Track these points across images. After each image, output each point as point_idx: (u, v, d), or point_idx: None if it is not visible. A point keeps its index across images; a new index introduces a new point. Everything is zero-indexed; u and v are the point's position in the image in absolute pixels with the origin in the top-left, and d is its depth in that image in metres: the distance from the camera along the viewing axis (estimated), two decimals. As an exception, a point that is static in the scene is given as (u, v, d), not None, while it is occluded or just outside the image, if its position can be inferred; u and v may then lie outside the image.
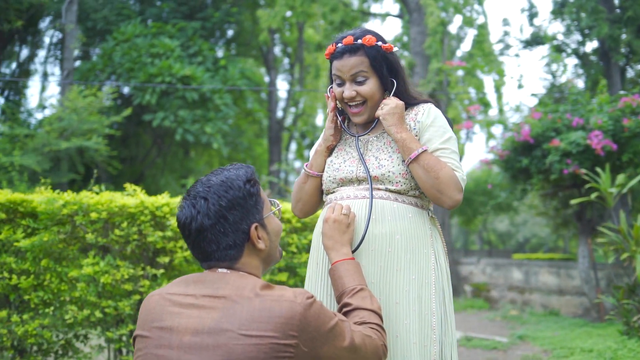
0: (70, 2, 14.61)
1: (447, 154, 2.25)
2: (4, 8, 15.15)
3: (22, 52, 23.74)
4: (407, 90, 2.39)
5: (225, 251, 1.77)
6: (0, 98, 19.13)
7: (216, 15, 18.02)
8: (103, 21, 17.67)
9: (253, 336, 1.60)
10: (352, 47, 2.28)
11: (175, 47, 16.02)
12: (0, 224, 4.17)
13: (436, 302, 2.20)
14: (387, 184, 2.25)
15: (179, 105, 15.59)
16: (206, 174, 1.85)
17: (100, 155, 13.55)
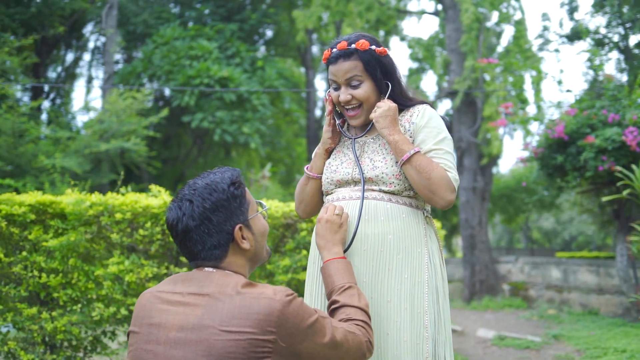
0: (110, 7, 14.96)
1: (441, 154, 2.29)
2: (47, 14, 15.59)
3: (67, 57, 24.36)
4: (403, 92, 2.43)
5: (211, 251, 1.84)
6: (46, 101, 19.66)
7: (253, 17, 18.19)
8: (143, 25, 18.02)
9: (232, 332, 1.67)
10: (346, 52, 2.33)
11: (213, 49, 16.23)
12: (30, 224, 4.33)
13: (429, 301, 2.23)
14: (381, 185, 2.30)
15: (217, 106, 15.80)
16: (243, 173, 1.93)
17: (139, 156, 13.84)
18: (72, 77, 24.91)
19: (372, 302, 2.22)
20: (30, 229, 4.31)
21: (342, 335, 1.83)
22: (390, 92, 2.38)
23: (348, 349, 1.85)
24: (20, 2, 15.67)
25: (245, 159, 20.83)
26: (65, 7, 15.89)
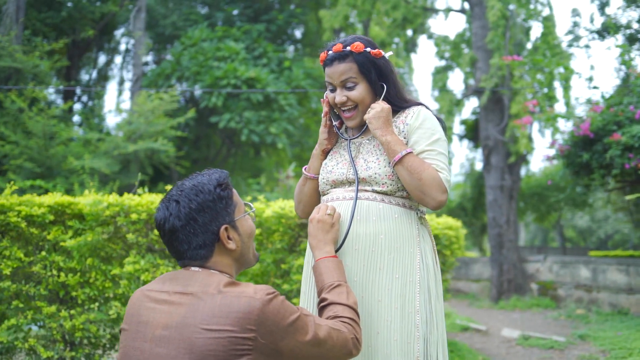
0: (138, 10, 15.17)
1: (434, 155, 2.30)
2: (78, 18, 15.86)
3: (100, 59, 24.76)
4: (398, 94, 2.45)
5: (196, 250, 1.89)
6: (78, 104, 20.00)
7: (280, 18, 18.28)
8: (172, 27, 18.23)
9: (213, 330, 1.71)
10: (341, 54, 2.36)
11: (240, 50, 16.35)
12: (50, 225, 4.43)
13: (420, 301, 2.25)
14: (374, 185, 2.32)
15: (245, 107, 15.91)
16: (272, 173, 1.98)
17: (167, 156, 14.01)
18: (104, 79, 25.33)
19: (363, 301, 2.24)
20: (50, 230, 4.42)
21: (325, 333, 1.86)
22: (385, 93, 2.40)
23: (333, 346, 1.88)
24: (51, 7, 15.97)
25: (274, 159, 20.94)
26: (95, 11, 16.15)
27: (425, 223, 2.40)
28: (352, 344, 1.94)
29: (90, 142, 13.86)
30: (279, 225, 4.80)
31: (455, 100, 14.78)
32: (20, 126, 12.84)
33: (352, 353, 1.94)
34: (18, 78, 13.68)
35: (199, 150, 19.63)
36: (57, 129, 12.67)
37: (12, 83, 13.60)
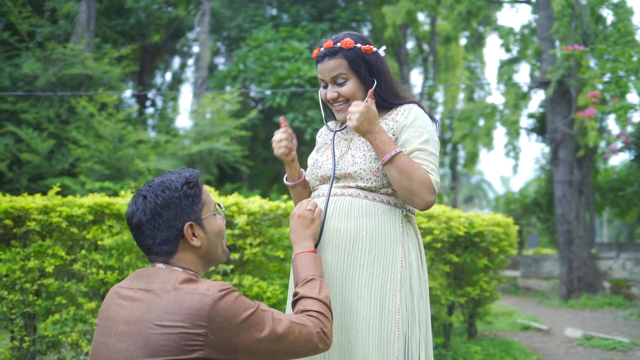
0: (202, 15, 15.52)
1: (425, 155, 2.27)
2: (146, 24, 16.37)
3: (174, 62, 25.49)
4: (391, 90, 2.42)
5: (161, 246, 1.93)
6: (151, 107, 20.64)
7: (343, 16, 18.30)
8: (237, 29, 18.55)
9: (166, 326, 1.75)
10: (331, 50, 2.36)
11: (303, 50, 16.48)
12: (89, 224, 4.61)
13: (401, 299, 2.22)
14: (358, 181, 2.31)
15: (308, 106, 16.03)
16: None
17: (232, 156, 14.27)
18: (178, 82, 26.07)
19: (343, 297, 2.24)
20: (89, 229, 4.59)
21: (284, 328, 1.87)
22: (376, 89, 2.38)
23: (295, 340, 1.88)
24: (121, 14, 16.54)
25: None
26: (162, 17, 16.62)
27: (412, 221, 2.36)
28: (317, 338, 1.94)
29: (159, 144, 14.28)
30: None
31: (521, 93, 14.39)
32: (91, 130, 13.37)
33: (319, 347, 1.94)
34: (89, 84, 14.25)
35: (267, 150, 19.89)
36: (124, 132, 13.11)
37: (84, 89, 14.19)
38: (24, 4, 14.90)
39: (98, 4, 15.61)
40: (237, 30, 18.52)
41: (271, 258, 4.81)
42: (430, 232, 5.18)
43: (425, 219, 5.20)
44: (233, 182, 16.69)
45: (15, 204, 4.59)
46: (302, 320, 1.94)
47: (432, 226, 5.19)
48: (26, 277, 4.51)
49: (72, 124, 13.77)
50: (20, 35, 14.78)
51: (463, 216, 5.81)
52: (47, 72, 13.95)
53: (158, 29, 17.50)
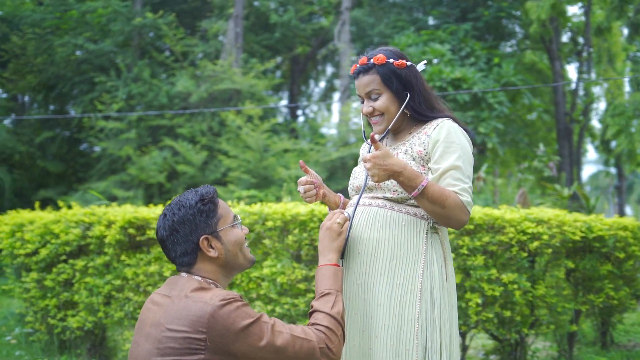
0: (342, 24, 15.87)
1: (457, 174, 2.29)
2: (290, 37, 17.03)
3: (326, 71, 26.19)
4: (426, 103, 2.45)
5: (181, 258, 2.12)
6: (302, 117, 21.38)
7: (486, 14, 17.87)
8: (379, 36, 18.74)
9: (173, 330, 1.94)
10: (365, 67, 2.44)
11: (445, 52, 16.31)
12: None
13: (421, 309, 2.25)
14: (386, 192, 2.37)
15: (451, 108, 15.79)
16: None
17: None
18: (331, 91, 26.77)
19: (365, 304, 2.30)
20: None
21: (283, 341, 1.97)
22: (410, 102, 2.42)
23: (295, 354, 1.99)
24: (266, 29, 17.35)
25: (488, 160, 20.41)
26: (306, 29, 17.20)
27: (440, 232, 2.38)
28: (319, 352, 2.02)
29: (304, 152, 14.80)
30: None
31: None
32: (239, 141, 14.16)
33: None
34: (238, 98, 15.09)
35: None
36: (269, 142, 13.74)
37: (233, 103, 15.05)
38: (177, 27, 16.09)
39: (245, 21, 16.49)
40: (379, 37, 18.71)
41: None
42: (538, 238, 4.99)
43: (533, 224, 5.01)
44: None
45: (137, 214, 5.07)
46: (307, 334, 2.04)
47: (541, 231, 5.00)
48: (148, 280, 4.96)
49: (223, 136, 14.66)
50: (175, 56, 15.97)
51: (581, 220, 5.53)
52: (199, 88, 14.96)
53: (303, 41, 18.12)
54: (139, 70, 15.63)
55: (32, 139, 17.20)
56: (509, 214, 4.94)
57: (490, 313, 4.79)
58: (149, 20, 16.07)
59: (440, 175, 2.29)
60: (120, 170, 15.15)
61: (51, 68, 16.96)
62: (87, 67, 16.96)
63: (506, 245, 4.83)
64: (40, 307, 5.37)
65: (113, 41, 16.87)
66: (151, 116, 14.98)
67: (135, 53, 16.99)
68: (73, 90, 17.64)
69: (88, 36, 17.18)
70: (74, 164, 17.96)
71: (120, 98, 15.27)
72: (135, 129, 15.03)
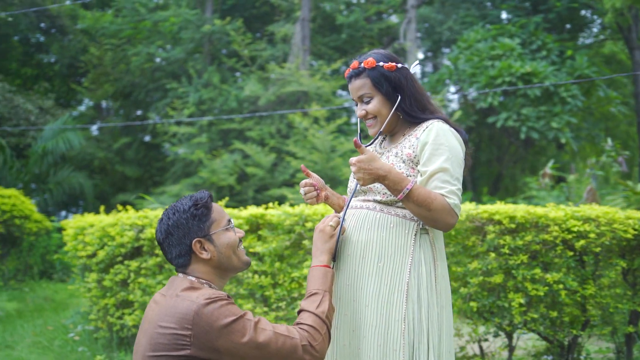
0: (408, 22, 15.78)
1: (445, 176, 2.31)
2: (357, 37, 17.08)
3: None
4: (418, 104, 2.48)
5: (177, 259, 2.26)
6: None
7: (558, 5, 17.36)
8: (448, 32, 18.51)
9: (163, 327, 2.08)
10: (356, 71, 2.51)
11: (515, 46, 15.96)
12: (246, 233, 5.12)
13: (408, 309, 2.28)
14: (375, 195, 2.42)
15: (522, 104, 15.49)
16: None
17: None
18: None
19: (354, 305, 2.36)
20: (245, 238, 5.09)
21: (266, 338, 2.07)
22: (401, 104, 2.46)
23: (277, 350, 2.08)
24: (333, 31, 17.46)
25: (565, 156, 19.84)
26: (373, 28, 17.21)
27: (431, 233, 2.40)
28: (302, 350, 2.11)
29: (372, 152, 14.82)
30: (451, 229, 4.85)
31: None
32: (306, 143, 14.33)
33: (304, 359, 2.10)
34: (305, 100, 15.27)
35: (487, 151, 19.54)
36: (335, 143, 13.84)
37: (300, 105, 15.24)
38: (245, 32, 16.42)
39: (312, 24, 16.66)
40: (448, 33, 18.49)
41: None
42: (584, 237, 4.87)
43: (580, 222, 4.89)
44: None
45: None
46: (291, 332, 2.13)
47: (588, 230, 4.87)
48: (196, 280, 5.15)
49: (291, 138, 14.87)
50: (244, 60, 16.30)
51: (634, 217, 5.35)
52: (267, 91, 15.24)
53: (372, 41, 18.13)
54: (209, 75, 16.07)
55: (110, 145, 17.98)
56: (553, 212, 4.84)
57: (536, 313, 4.71)
58: (217, 27, 16.49)
59: (428, 178, 2.31)
60: (193, 174, 15.61)
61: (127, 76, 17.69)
62: (160, 74, 17.58)
63: (550, 244, 4.74)
64: (101, 306, 5.67)
65: (184, 48, 17.40)
66: (221, 120, 15.36)
67: (206, 59, 17.47)
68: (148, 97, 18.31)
69: (160, 45, 17.78)
70: (151, 168, 18.66)
71: (191, 103, 15.74)
72: (206, 133, 15.46)
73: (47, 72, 21.95)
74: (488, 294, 4.78)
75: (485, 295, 4.76)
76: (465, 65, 16.52)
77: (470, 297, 4.81)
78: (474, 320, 4.98)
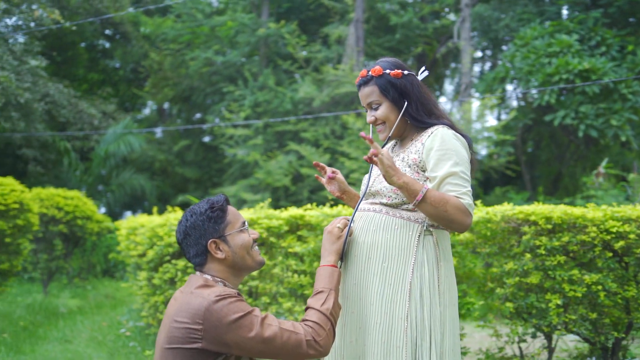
0: (462, 21, 15.68)
1: (455, 180, 2.41)
2: (412, 37, 17.07)
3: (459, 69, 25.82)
4: (425, 109, 2.58)
5: (194, 259, 2.43)
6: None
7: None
8: (505, 30, 18.27)
9: (178, 321, 2.25)
10: (364, 79, 2.64)
11: (572, 42, 15.64)
12: (285, 234, 5.28)
13: (411, 308, 2.39)
14: (382, 198, 2.54)
15: (580, 101, 15.17)
16: None
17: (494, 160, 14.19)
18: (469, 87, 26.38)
19: (360, 303, 2.49)
20: (285, 238, 5.26)
21: (271, 333, 2.21)
22: (407, 109, 2.56)
23: (283, 344, 2.22)
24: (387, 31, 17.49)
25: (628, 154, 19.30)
26: (427, 28, 17.16)
27: (435, 234, 2.49)
28: (306, 344, 2.24)
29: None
30: (487, 229, 4.88)
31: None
32: (359, 143, 14.44)
33: (309, 353, 2.24)
34: (359, 101, 15.38)
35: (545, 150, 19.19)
36: (382, 142, 13.91)
37: (354, 106, 15.36)
38: (300, 34, 16.64)
39: (365, 25, 16.75)
40: (505, 31, 18.26)
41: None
42: (624, 237, 4.81)
43: (619, 223, 4.83)
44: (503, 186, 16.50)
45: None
46: (296, 327, 2.27)
47: (628, 230, 4.81)
48: (239, 279, 5.34)
49: (345, 138, 15.00)
50: (299, 63, 16.52)
51: (680, 217, 5.24)
52: (321, 93, 15.41)
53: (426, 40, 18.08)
54: (265, 78, 16.35)
55: (171, 148, 18.50)
56: (591, 212, 4.81)
57: (574, 314, 4.69)
58: (272, 30, 16.77)
59: (439, 183, 2.41)
60: (249, 175, 15.93)
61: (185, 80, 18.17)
62: (217, 78, 17.98)
63: (588, 245, 4.71)
64: (152, 303, 5.93)
65: (240, 52, 17.76)
66: (277, 122, 15.62)
67: (262, 62, 17.78)
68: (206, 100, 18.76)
69: (217, 49, 18.19)
70: (210, 169, 19.10)
71: (247, 106, 16.06)
72: (261, 135, 15.75)
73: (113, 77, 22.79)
74: (525, 294, 4.78)
75: (522, 295, 4.76)
76: (521, 63, 16.28)
77: (507, 297, 4.83)
78: (512, 321, 4.99)
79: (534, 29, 16.94)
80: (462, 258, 5.05)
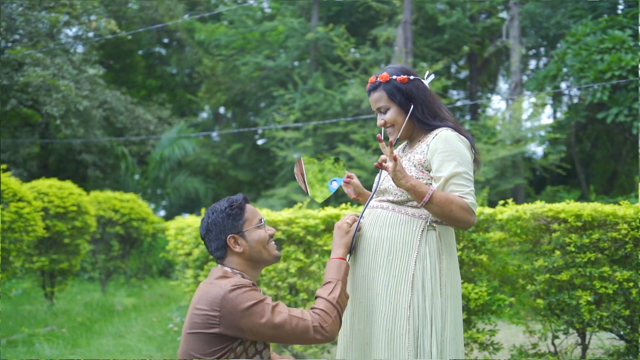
0: (511, 20, 15.58)
1: (459, 180, 2.60)
2: (461, 37, 17.04)
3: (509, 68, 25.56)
4: (430, 112, 2.76)
5: (215, 252, 2.67)
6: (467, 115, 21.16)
7: (675, -10, 16.49)
8: (556, 27, 18.05)
9: (198, 309, 2.49)
10: (373, 85, 2.85)
11: (625, 38, 15.35)
12: (321, 232, 5.48)
13: (412, 298, 2.57)
14: (388, 195, 2.73)
15: (633, 98, 14.89)
16: None
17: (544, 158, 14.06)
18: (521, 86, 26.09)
19: (368, 294, 2.69)
20: (321, 236, 5.46)
21: (281, 319, 2.43)
22: (414, 112, 2.74)
23: (292, 330, 2.43)
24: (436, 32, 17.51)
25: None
26: (476, 27, 17.11)
27: (438, 230, 2.67)
28: (313, 330, 2.45)
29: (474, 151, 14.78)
30: (517, 227, 4.96)
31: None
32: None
33: (316, 338, 2.45)
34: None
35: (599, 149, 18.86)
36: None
37: (402, 107, 15.43)
38: (348, 37, 16.84)
39: (414, 26, 16.81)
40: (556, 29, 18.03)
41: (476, 261, 5.06)
42: (657, 233, 4.84)
43: (651, 219, 4.87)
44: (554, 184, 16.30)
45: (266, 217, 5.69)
46: (305, 314, 2.48)
47: (660, 226, 4.84)
48: (279, 276, 5.57)
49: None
50: (348, 65, 16.72)
51: None
52: (370, 95, 15.55)
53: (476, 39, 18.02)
54: (314, 81, 16.61)
55: (224, 151, 18.95)
56: (622, 209, 4.84)
57: (605, 311, 4.73)
58: (321, 34, 17.01)
59: (444, 183, 2.58)
60: (300, 177, 16.15)
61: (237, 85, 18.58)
62: (268, 82, 18.34)
63: (620, 242, 4.75)
64: (197, 301, 6.21)
65: (289, 56, 18.06)
66: (326, 124, 15.84)
67: (311, 65, 18.04)
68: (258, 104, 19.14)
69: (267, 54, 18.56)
70: (262, 172, 19.48)
71: (297, 109, 16.34)
72: (311, 137, 15.99)
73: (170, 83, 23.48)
74: (556, 291, 4.84)
75: (553, 292, 4.83)
76: (573, 60, 16.06)
77: (538, 294, 4.90)
78: (545, 318, 5.04)
79: (586, 25, 16.68)
80: (494, 255, 5.13)
